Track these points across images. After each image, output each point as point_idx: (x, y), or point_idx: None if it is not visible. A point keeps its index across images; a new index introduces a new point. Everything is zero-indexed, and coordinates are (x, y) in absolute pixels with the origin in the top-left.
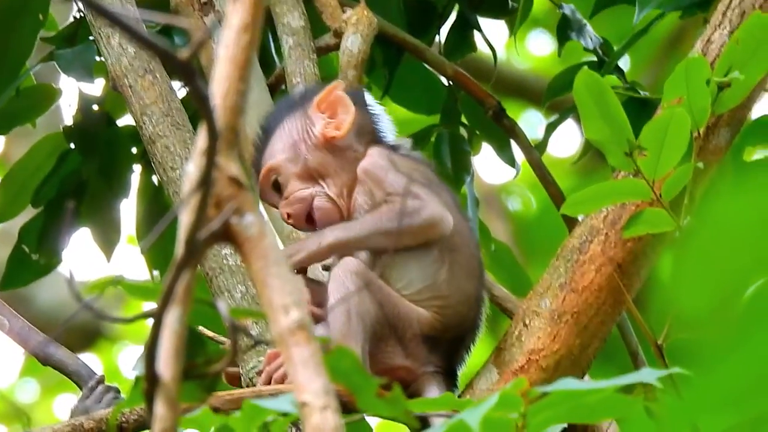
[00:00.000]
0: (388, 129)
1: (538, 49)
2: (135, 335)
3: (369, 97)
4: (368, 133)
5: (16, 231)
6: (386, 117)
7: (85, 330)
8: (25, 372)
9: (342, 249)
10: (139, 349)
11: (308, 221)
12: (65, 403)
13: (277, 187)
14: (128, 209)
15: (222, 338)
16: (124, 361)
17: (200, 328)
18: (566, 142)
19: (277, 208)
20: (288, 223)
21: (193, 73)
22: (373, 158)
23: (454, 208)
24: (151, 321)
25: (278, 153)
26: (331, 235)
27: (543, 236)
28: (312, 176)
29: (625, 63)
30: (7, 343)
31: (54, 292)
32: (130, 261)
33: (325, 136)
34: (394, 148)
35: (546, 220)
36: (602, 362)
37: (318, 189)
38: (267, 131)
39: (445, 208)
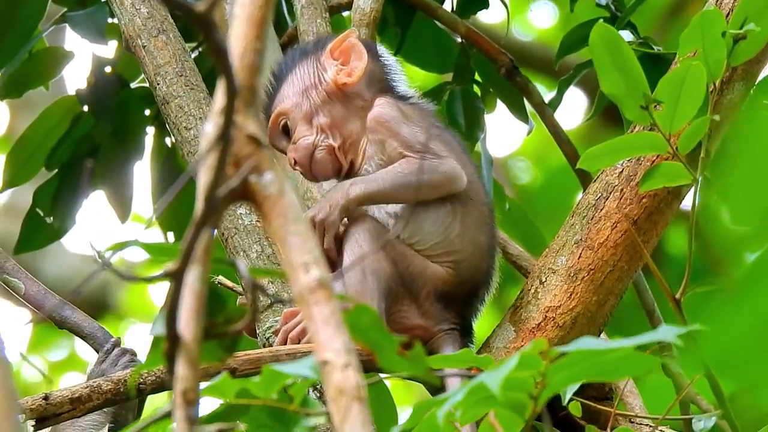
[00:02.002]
0: (399, 80)
1: (540, 21)
2: (141, 312)
3: (382, 49)
4: (379, 83)
5: (23, 203)
6: (398, 68)
7: (92, 304)
8: (31, 350)
9: (366, 202)
10: (145, 327)
11: (311, 169)
12: (70, 381)
13: (286, 132)
14: (142, 172)
15: (240, 289)
16: (130, 337)
17: (219, 278)
18: (571, 113)
19: (285, 153)
20: (294, 168)
21: (211, 25)
22: (383, 108)
23: (464, 157)
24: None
25: (288, 98)
26: (354, 189)
27: (547, 208)
28: (319, 123)
29: None
30: (18, 314)
31: (61, 265)
32: (140, 231)
33: (336, 82)
34: (402, 98)
35: (550, 191)
36: (618, 320)
37: (321, 138)
38: (279, 77)
39: (459, 161)
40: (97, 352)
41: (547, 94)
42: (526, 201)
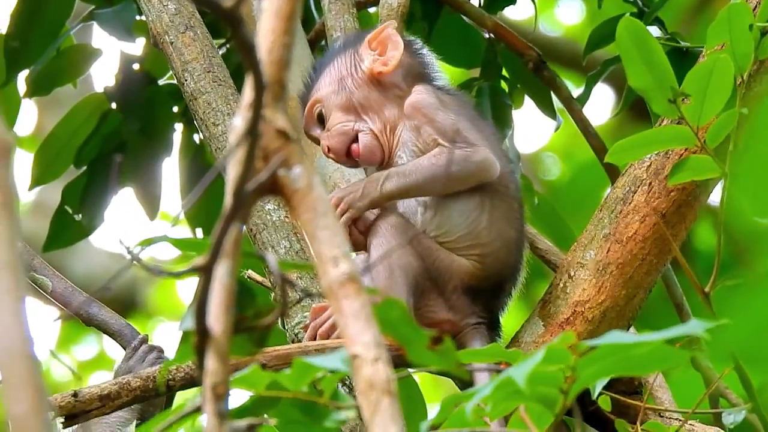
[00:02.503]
0: (436, 73)
1: (567, 17)
2: (169, 310)
3: (420, 44)
4: (415, 74)
5: (52, 201)
6: (435, 62)
7: (121, 302)
8: (59, 348)
9: (401, 195)
10: (173, 325)
11: (348, 155)
12: (98, 380)
13: (321, 120)
14: (170, 169)
15: (270, 283)
16: (159, 335)
17: (248, 272)
18: (599, 110)
19: (318, 143)
20: (327, 156)
21: (238, 20)
22: (420, 95)
23: (498, 148)
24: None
25: (325, 86)
26: (388, 185)
27: (575, 203)
28: (356, 111)
29: None
30: (46, 312)
31: (88, 263)
32: (168, 227)
33: (372, 71)
34: (440, 89)
35: (578, 186)
36: (647, 314)
37: (362, 124)
38: (318, 70)
39: (493, 150)
40: (125, 349)
41: (575, 90)
42: (555, 196)
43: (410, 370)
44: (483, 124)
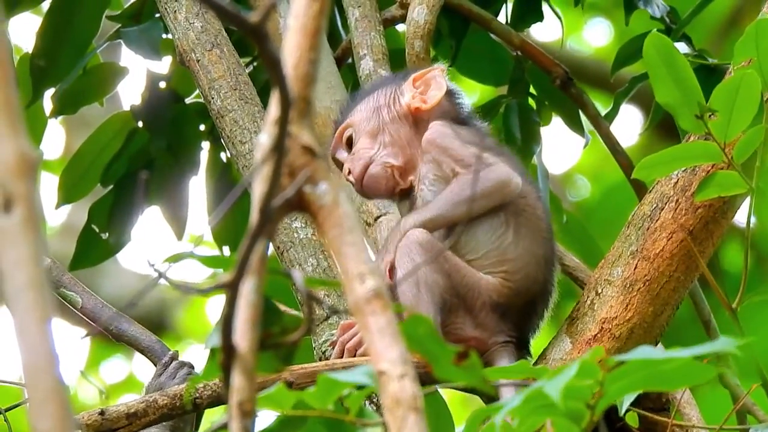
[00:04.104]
0: (469, 120)
1: (595, 38)
2: (199, 332)
3: (461, 92)
4: (448, 119)
5: (81, 222)
6: (471, 111)
7: (150, 324)
8: (88, 370)
9: (428, 229)
10: (202, 346)
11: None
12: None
13: (350, 144)
14: (197, 187)
15: (293, 311)
16: (188, 358)
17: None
18: (626, 131)
19: (340, 167)
20: (347, 179)
21: (264, 36)
22: (436, 128)
23: (517, 167)
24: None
25: (360, 112)
26: (410, 221)
27: (604, 224)
28: (383, 141)
29: None
30: (75, 332)
31: (117, 283)
32: (196, 246)
33: (410, 106)
34: (460, 123)
35: (607, 207)
36: (675, 330)
37: (383, 155)
38: (357, 96)
39: (512, 165)
40: (155, 365)
41: (603, 110)
42: (584, 217)
43: (437, 386)
44: (501, 150)
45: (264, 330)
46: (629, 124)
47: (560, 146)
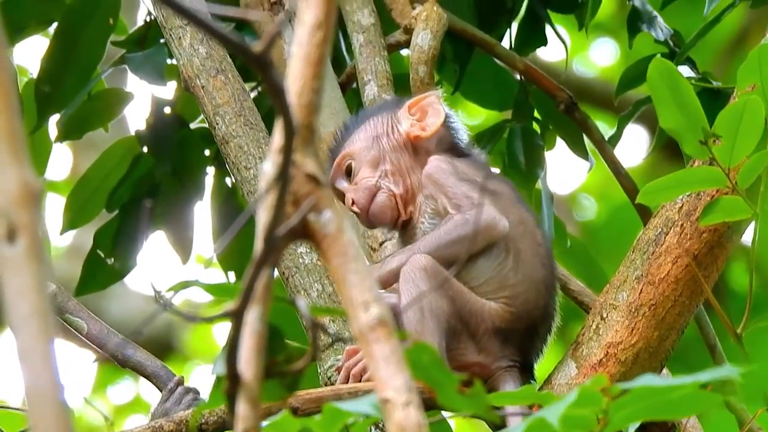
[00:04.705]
0: (465, 144)
1: (600, 58)
2: (205, 353)
3: (454, 116)
4: (446, 144)
5: (87, 245)
6: (465, 132)
7: (157, 345)
8: (94, 392)
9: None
10: (208, 368)
11: (369, 211)
12: (135, 425)
13: (349, 173)
14: (202, 212)
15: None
16: (195, 378)
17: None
18: (631, 151)
19: (340, 196)
20: (351, 209)
21: (269, 65)
22: (435, 163)
23: (516, 201)
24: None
25: (359, 141)
26: (395, 260)
27: (609, 244)
28: (384, 170)
29: None
30: (81, 356)
31: (123, 305)
32: (201, 270)
33: (409, 134)
34: (459, 155)
35: (612, 227)
36: (680, 355)
37: (386, 184)
38: (353, 124)
39: (501, 207)
40: (161, 391)
41: (609, 131)
42: (591, 237)
43: (444, 413)
44: (499, 181)
45: (269, 358)
46: (634, 144)
47: (566, 166)
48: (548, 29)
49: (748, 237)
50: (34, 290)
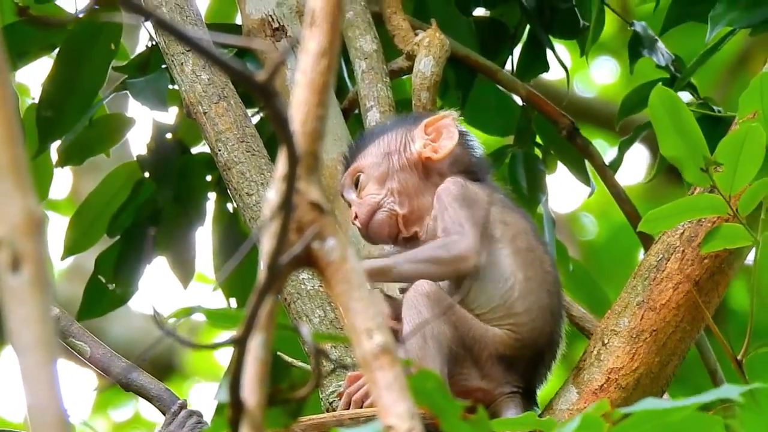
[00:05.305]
0: (482, 166)
1: (601, 77)
2: (206, 371)
3: (473, 136)
4: (461, 166)
5: (89, 265)
6: (483, 155)
7: (157, 364)
8: (96, 409)
9: (379, 276)
10: (210, 386)
11: (369, 227)
12: None
13: (358, 185)
14: (204, 237)
15: (300, 363)
16: (195, 397)
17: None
18: (634, 169)
19: (350, 206)
20: (353, 223)
21: (272, 94)
22: (446, 184)
23: (527, 229)
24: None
25: (370, 156)
26: (368, 262)
27: (611, 263)
28: (391, 188)
29: None
30: (83, 376)
31: (125, 327)
32: (203, 293)
33: (421, 155)
34: (474, 179)
35: (614, 246)
36: (681, 380)
37: (389, 201)
38: (369, 137)
39: (503, 238)
40: (164, 414)
41: (609, 150)
42: (592, 256)
43: None
44: (513, 211)
45: (272, 385)
46: (635, 162)
47: (566, 186)
48: (549, 52)
49: (749, 257)
50: (39, 320)
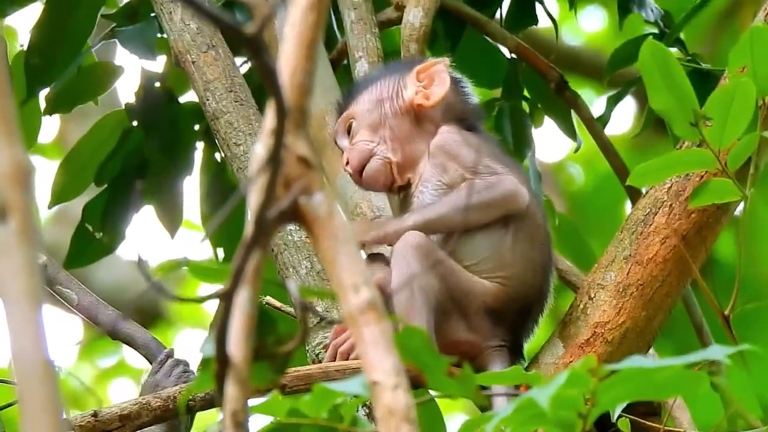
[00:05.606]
0: (474, 113)
1: (589, 25)
2: (192, 318)
3: (467, 83)
4: (453, 113)
5: (75, 211)
6: (476, 101)
7: (143, 312)
8: (81, 356)
9: (424, 230)
10: (196, 333)
11: (361, 174)
12: (119, 388)
13: (350, 133)
14: (191, 187)
15: (288, 309)
16: (181, 344)
17: (267, 299)
18: (620, 119)
19: (342, 152)
20: (345, 169)
21: (261, 47)
22: (444, 134)
23: (522, 179)
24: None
25: (363, 102)
26: (411, 218)
27: (597, 213)
28: (383, 135)
29: None
30: (69, 323)
31: (112, 274)
32: (190, 241)
33: (412, 102)
34: (468, 129)
35: (600, 197)
36: (667, 335)
37: (382, 149)
38: (362, 83)
39: (520, 179)
40: (150, 362)
41: (596, 100)
42: (578, 207)
43: (432, 392)
44: (508, 160)
45: (258, 340)
46: (621, 113)
47: (552, 136)
48: (539, 8)
49: (737, 211)
50: (26, 270)
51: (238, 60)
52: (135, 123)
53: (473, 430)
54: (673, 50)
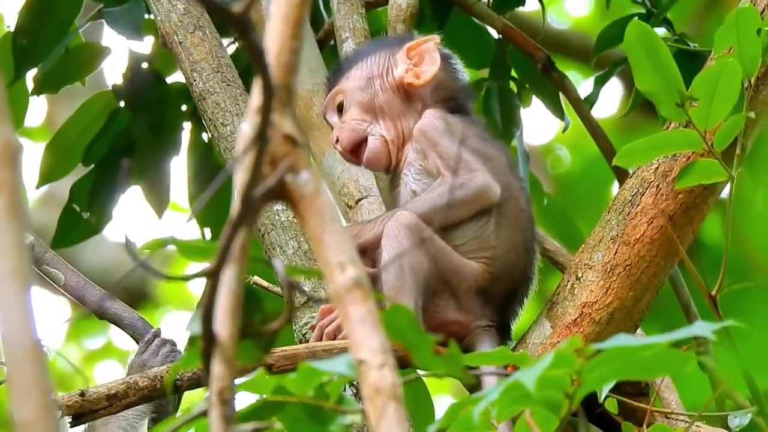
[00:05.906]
0: (464, 92)
1: (575, 9)
2: (179, 300)
3: (457, 61)
4: (443, 92)
5: (63, 192)
6: (467, 80)
7: (130, 293)
8: (68, 338)
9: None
10: (182, 315)
11: (353, 153)
12: (106, 370)
13: (340, 109)
14: (179, 167)
15: (275, 288)
16: (168, 325)
17: (254, 278)
18: (607, 101)
19: (332, 128)
20: (334, 146)
21: (248, 27)
22: (428, 119)
23: (504, 165)
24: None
25: (353, 79)
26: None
27: (585, 195)
28: (374, 113)
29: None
30: (56, 305)
31: (99, 253)
32: (177, 221)
33: (402, 80)
34: (455, 110)
35: (587, 178)
36: (654, 315)
37: (376, 128)
38: (353, 59)
39: (494, 173)
40: (137, 342)
41: (583, 83)
42: (565, 189)
43: (419, 371)
44: (492, 145)
45: (245, 318)
46: (608, 95)
47: (540, 118)
48: None
49: (723, 192)
50: (14, 249)
51: (225, 41)
52: (122, 103)
53: (460, 411)
54: (661, 30)
